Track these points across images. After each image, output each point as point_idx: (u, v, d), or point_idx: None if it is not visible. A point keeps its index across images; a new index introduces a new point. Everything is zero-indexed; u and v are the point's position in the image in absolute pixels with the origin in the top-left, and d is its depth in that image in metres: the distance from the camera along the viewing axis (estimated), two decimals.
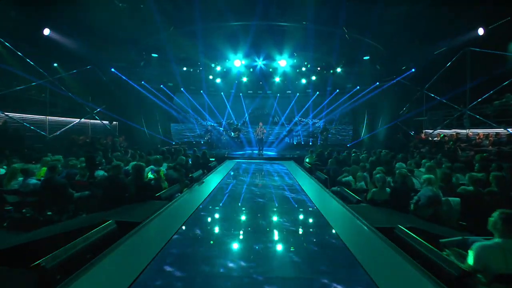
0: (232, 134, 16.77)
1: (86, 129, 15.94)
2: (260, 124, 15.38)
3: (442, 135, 12.67)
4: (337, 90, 18.93)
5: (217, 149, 17.04)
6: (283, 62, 15.58)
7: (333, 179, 7.11)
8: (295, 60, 17.05)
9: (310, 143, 18.46)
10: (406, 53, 13.64)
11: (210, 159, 11.99)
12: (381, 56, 14.37)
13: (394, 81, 15.48)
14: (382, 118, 17.13)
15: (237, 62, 15.48)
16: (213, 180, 8.07)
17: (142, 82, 16.68)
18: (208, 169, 9.79)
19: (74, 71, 13.92)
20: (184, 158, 7.20)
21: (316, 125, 20.22)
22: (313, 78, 19.28)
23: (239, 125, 19.75)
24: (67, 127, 14.03)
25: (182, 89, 19.20)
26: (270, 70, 18.64)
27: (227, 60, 16.61)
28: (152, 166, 6.21)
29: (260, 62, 16.53)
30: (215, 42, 13.02)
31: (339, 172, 7.12)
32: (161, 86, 17.96)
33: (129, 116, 16.88)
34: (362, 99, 17.34)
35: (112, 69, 15.57)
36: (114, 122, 16.85)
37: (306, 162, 10.69)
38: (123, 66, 15.73)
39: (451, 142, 11.04)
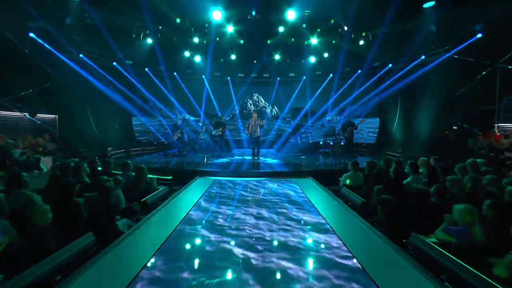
0: (214, 131, 11.27)
1: None
2: (254, 115, 9.96)
3: None
4: (359, 71, 13.57)
5: (191, 152, 11.57)
6: (291, 14, 9.88)
7: None
8: (304, 25, 11.65)
9: (321, 143, 13.08)
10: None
11: (164, 177, 6.59)
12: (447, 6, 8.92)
13: (453, 51, 10.19)
14: (424, 109, 11.81)
15: (216, 15, 9.75)
16: None
17: (81, 56, 11.04)
18: (145, 209, 4.38)
19: None
20: None
21: (330, 118, 14.84)
22: (326, 55, 13.89)
23: (224, 119, 14.26)
24: None
25: (146, 69, 13.60)
26: (268, 41, 13.17)
27: (205, 20, 11.01)
28: None
29: (252, 14, 10.83)
30: None
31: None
32: (114, 64, 12.33)
33: (67, 107, 11.30)
34: (397, 82, 12.05)
35: (31, 34, 9.94)
36: (39, 115, 11.16)
37: (347, 186, 5.36)
38: (46, 29, 10.06)
39: None
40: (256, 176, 7.24)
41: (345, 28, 11.00)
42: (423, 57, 11.05)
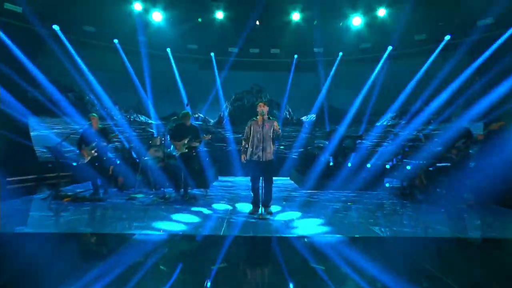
0: (173, 150, 5.80)
1: None
2: (262, 108, 4.54)
3: None
4: (447, 37, 8.36)
5: (119, 194, 6.09)
6: None
7: None
8: None
9: (387, 166, 7.60)
10: None
11: None
12: None
13: None
14: None
15: None
16: None
17: None
18: None
19: None
20: None
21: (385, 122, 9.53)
22: (382, 12, 8.75)
23: (196, 121, 9.04)
24: None
25: (56, 28, 8.20)
26: None
27: None
28: None
29: None
30: None
31: None
32: None
33: None
34: None
35: None
36: None
37: None
38: None
39: None
40: None
41: None
42: None
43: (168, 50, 9.91)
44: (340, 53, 10.00)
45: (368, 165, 7.60)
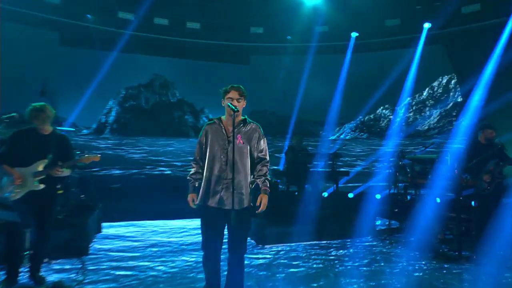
0: (6, 186, 3.14)
1: None
2: (234, 101, 2.47)
3: None
4: (428, 25, 7.89)
5: None
6: None
7: None
8: None
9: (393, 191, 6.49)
10: None
11: None
12: None
13: None
14: None
15: None
16: None
17: None
18: None
19: None
20: None
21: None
22: None
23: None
24: None
25: None
26: None
27: None
28: None
29: None
30: None
31: None
32: None
33: None
34: None
35: None
36: None
37: None
38: None
39: None
40: None
41: None
42: None
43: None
44: (288, 37, 8.75)
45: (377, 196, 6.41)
